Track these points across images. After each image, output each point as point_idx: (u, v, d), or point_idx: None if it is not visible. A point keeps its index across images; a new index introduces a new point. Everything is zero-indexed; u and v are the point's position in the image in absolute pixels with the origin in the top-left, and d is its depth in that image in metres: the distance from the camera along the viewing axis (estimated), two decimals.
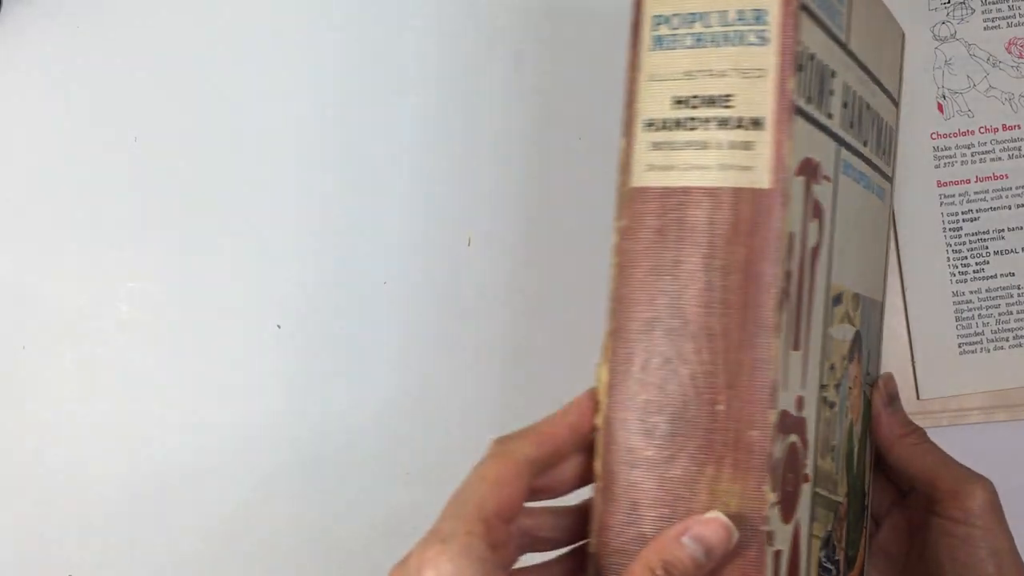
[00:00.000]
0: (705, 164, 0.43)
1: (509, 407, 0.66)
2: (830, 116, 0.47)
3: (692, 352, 0.42)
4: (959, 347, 0.66)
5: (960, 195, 0.66)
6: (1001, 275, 0.66)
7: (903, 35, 0.60)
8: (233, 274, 0.66)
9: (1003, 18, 0.66)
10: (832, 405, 0.50)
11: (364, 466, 0.66)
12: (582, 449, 0.44)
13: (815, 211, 0.45)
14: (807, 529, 0.46)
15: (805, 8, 0.43)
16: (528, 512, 0.44)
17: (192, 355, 0.66)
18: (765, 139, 0.42)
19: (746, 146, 0.43)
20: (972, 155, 0.66)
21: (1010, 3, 0.66)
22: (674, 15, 0.44)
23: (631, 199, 0.44)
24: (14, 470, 0.65)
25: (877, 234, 0.57)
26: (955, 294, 0.66)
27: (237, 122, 0.66)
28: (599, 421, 0.44)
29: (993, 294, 0.66)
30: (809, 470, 0.46)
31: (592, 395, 0.44)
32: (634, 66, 0.45)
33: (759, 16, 0.43)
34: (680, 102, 0.44)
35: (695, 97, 0.43)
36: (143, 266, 0.66)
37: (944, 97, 0.67)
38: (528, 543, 0.45)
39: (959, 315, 0.66)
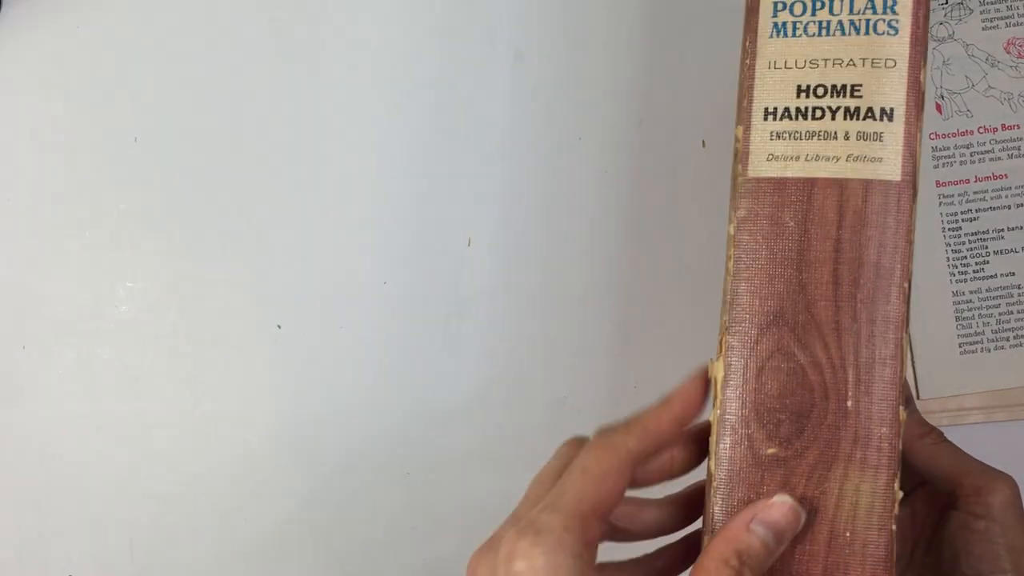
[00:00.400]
0: (832, 154, 0.42)
1: (509, 407, 0.66)
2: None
3: (820, 348, 0.42)
4: (959, 347, 0.66)
5: (959, 195, 0.66)
6: (1001, 275, 0.66)
7: None
8: (233, 274, 0.66)
9: (1001, 18, 0.67)
10: None
11: (364, 466, 0.65)
12: (677, 443, 0.43)
13: None
14: None
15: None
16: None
17: (192, 355, 0.65)
18: (895, 130, 0.42)
19: (876, 137, 0.42)
20: (971, 155, 0.66)
21: (1008, 3, 0.66)
22: (796, 1, 0.43)
23: (750, 189, 0.43)
24: (14, 470, 0.65)
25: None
26: (955, 294, 0.66)
27: (237, 122, 0.66)
28: (712, 418, 0.43)
29: (993, 294, 0.66)
30: None
31: (698, 387, 0.43)
32: (751, 53, 0.44)
33: (890, 5, 0.42)
34: (804, 91, 0.43)
35: (820, 86, 0.43)
36: (143, 266, 0.66)
37: (943, 97, 0.67)
38: (608, 533, 0.44)
39: (959, 315, 0.66)
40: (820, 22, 0.43)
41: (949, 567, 0.54)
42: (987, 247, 0.66)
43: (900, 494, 0.42)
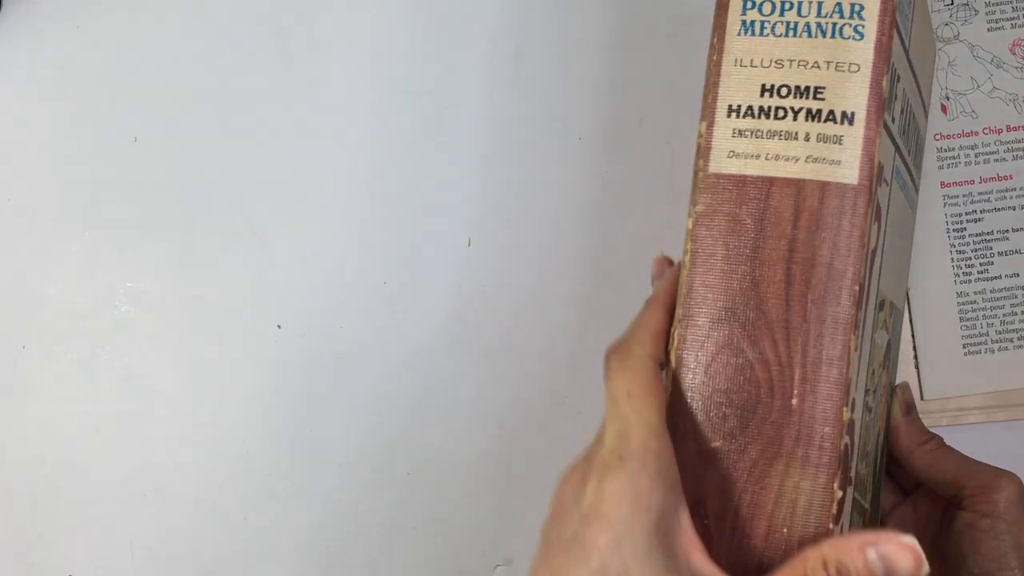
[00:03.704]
0: (792, 155, 0.42)
1: (509, 406, 0.66)
2: (893, 120, 0.46)
3: (768, 345, 0.42)
4: (963, 348, 0.66)
5: (964, 196, 0.66)
6: (1005, 276, 0.66)
7: (935, 50, 0.59)
8: (233, 274, 0.66)
9: (1007, 19, 0.66)
10: (871, 411, 0.49)
11: (364, 466, 0.66)
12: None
13: (876, 214, 0.45)
14: (841, 532, 0.45)
15: (898, 8, 0.43)
16: None
17: (192, 355, 0.66)
18: (855, 135, 0.42)
19: (835, 140, 0.42)
20: (976, 156, 0.66)
21: (1014, 4, 0.66)
22: (766, 1, 0.44)
23: (709, 185, 0.43)
24: (14, 470, 0.66)
25: (907, 244, 0.56)
26: (959, 295, 0.66)
27: (237, 122, 0.66)
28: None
29: (997, 295, 0.66)
30: (853, 473, 0.45)
31: (669, 272, 0.44)
32: (719, 49, 0.44)
33: (857, 10, 0.42)
34: (768, 90, 0.43)
35: (784, 86, 0.43)
36: (143, 266, 0.66)
37: (948, 98, 0.66)
38: None
39: (963, 316, 0.66)
40: (788, 23, 0.43)
41: (955, 565, 0.54)
42: (991, 248, 0.66)
43: (840, 494, 0.41)
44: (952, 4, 0.66)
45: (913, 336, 0.65)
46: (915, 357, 0.66)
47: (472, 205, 0.66)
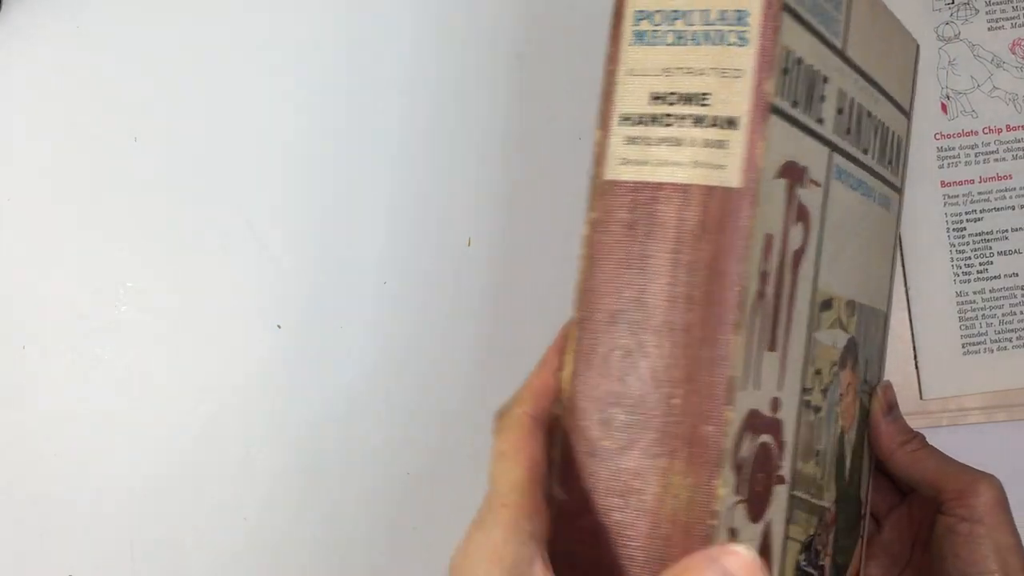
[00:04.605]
0: (678, 161, 0.43)
1: None
2: (820, 121, 0.47)
3: (653, 345, 0.43)
4: (963, 347, 0.66)
5: (964, 195, 0.66)
6: (1005, 275, 0.66)
7: (917, 46, 0.60)
8: (233, 274, 0.66)
9: (1007, 19, 0.66)
10: (817, 410, 0.50)
11: (364, 466, 0.66)
12: None
13: (799, 215, 0.46)
14: (782, 531, 0.47)
15: (791, 12, 0.43)
16: None
17: (192, 355, 0.66)
18: (738, 139, 0.43)
19: (719, 145, 0.43)
20: (976, 155, 0.66)
21: (1014, 4, 0.66)
22: (657, 11, 0.44)
23: (603, 192, 0.45)
24: (14, 470, 0.66)
25: (882, 244, 0.57)
26: (958, 294, 0.66)
27: (237, 122, 0.66)
28: (559, 409, 0.44)
29: (997, 294, 0.66)
30: (785, 472, 0.47)
31: (561, 333, 0.46)
32: (613, 59, 0.45)
33: (741, 17, 0.43)
34: (657, 98, 0.44)
35: (672, 94, 0.44)
36: (143, 266, 0.66)
37: (948, 97, 0.66)
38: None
39: (962, 316, 0.66)
40: (677, 32, 0.44)
41: (940, 570, 0.54)
42: (991, 248, 0.66)
43: (723, 491, 0.41)
44: (952, 3, 0.66)
45: (912, 336, 0.65)
46: (915, 357, 0.66)
47: (472, 205, 0.66)
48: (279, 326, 0.66)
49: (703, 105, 0.43)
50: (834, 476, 0.52)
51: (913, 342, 0.65)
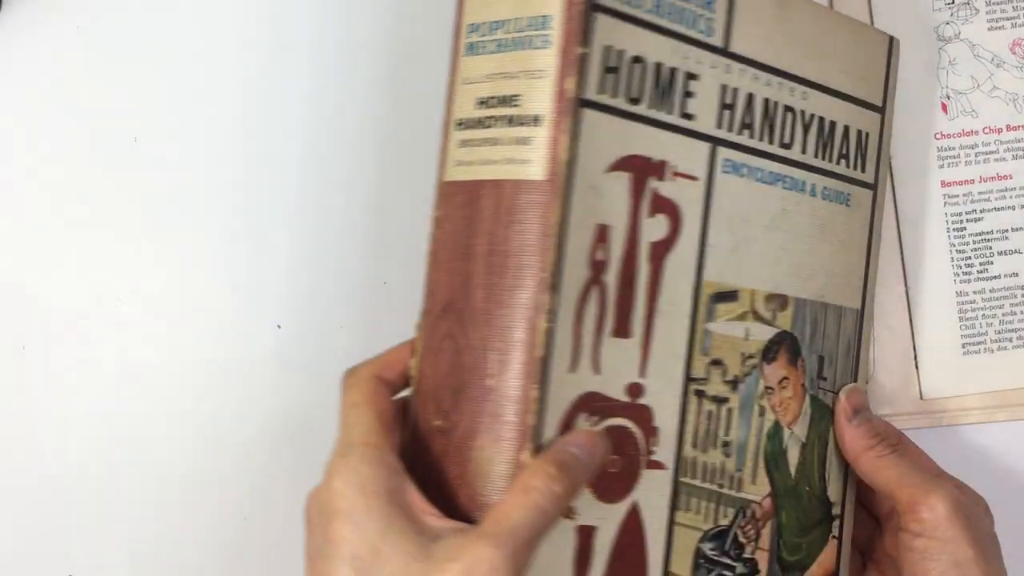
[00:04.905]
0: (495, 159, 0.48)
1: None
2: (689, 117, 0.50)
3: (473, 332, 0.47)
4: (963, 347, 0.66)
5: (964, 195, 0.66)
6: (1005, 275, 0.66)
7: (892, 40, 0.61)
8: (233, 274, 0.66)
9: (1007, 19, 0.66)
10: (721, 400, 0.52)
11: None
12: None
13: (658, 207, 0.49)
14: (665, 516, 0.50)
15: (613, 12, 0.47)
16: None
17: (192, 355, 0.66)
18: (542, 135, 0.46)
19: (526, 142, 0.47)
20: (976, 155, 0.66)
21: (1014, 3, 0.66)
22: (483, 23, 0.49)
23: (443, 193, 0.49)
24: (14, 470, 0.66)
25: (843, 241, 0.58)
26: (958, 294, 0.66)
27: (237, 122, 0.66)
28: (407, 394, 0.50)
29: (997, 294, 0.66)
30: (663, 458, 0.50)
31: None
32: (453, 70, 0.50)
33: (544, 22, 0.47)
34: (482, 103, 0.48)
35: (493, 98, 0.48)
36: (143, 266, 0.66)
37: (948, 97, 0.66)
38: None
39: (962, 315, 0.66)
40: (498, 40, 0.48)
41: None
42: (991, 247, 0.66)
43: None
44: (952, 3, 0.66)
45: (912, 336, 0.65)
46: (915, 357, 0.66)
47: None
48: (279, 326, 0.66)
49: (514, 106, 0.47)
50: (765, 470, 0.54)
51: (913, 342, 0.65)
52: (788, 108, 0.55)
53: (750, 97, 0.53)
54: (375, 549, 0.41)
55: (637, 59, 0.48)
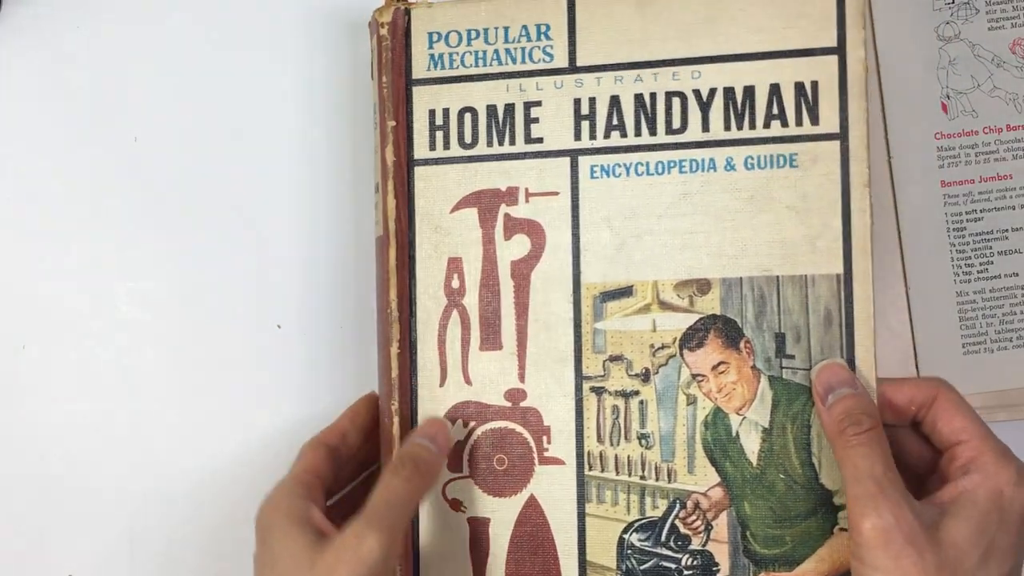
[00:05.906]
0: (376, 220, 0.57)
1: None
2: (538, 140, 0.55)
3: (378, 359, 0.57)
4: (963, 347, 0.66)
5: (964, 195, 0.66)
6: (1005, 275, 0.66)
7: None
8: (233, 274, 0.66)
9: (1008, 18, 0.66)
10: (631, 394, 0.54)
11: None
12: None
13: (515, 228, 0.55)
14: (572, 508, 0.54)
15: (432, 80, 0.56)
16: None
17: (192, 355, 0.66)
18: (380, 199, 0.56)
19: (376, 206, 0.57)
20: (976, 155, 0.66)
21: (1015, 3, 0.66)
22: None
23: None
24: (14, 470, 0.66)
25: (794, 204, 0.55)
26: (958, 294, 0.66)
27: (237, 122, 0.66)
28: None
29: (997, 294, 0.66)
30: (559, 454, 0.54)
31: (366, 400, 0.58)
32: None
33: (375, 106, 0.57)
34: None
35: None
36: (143, 266, 0.66)
37: (948, 97, 0.66)
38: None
39: (962, 315, 0.66)
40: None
41: None
42: (991, 247, 0.66)
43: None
44: (952, 3, 0.66)
45: (912, 336, 0.65)
46: (915, 357, 0.65)
47: None
48: (279, 326, 0.66)
49: (378, 180, 0.57)
50: (708, 459, 0.54)
51: (913, 342, 0.65)
52: (673, 94, 0.55)
53: (614, 100, 0.55)
54: (275, 558, 0.50)
55: (467, 109, 0.55)
